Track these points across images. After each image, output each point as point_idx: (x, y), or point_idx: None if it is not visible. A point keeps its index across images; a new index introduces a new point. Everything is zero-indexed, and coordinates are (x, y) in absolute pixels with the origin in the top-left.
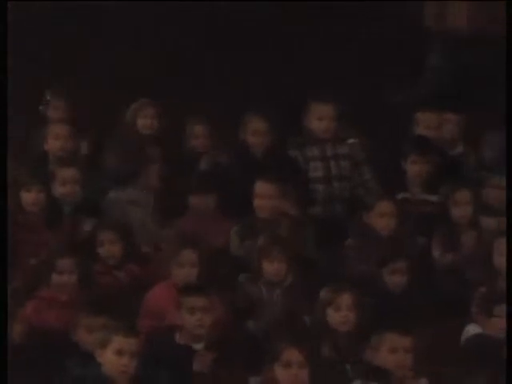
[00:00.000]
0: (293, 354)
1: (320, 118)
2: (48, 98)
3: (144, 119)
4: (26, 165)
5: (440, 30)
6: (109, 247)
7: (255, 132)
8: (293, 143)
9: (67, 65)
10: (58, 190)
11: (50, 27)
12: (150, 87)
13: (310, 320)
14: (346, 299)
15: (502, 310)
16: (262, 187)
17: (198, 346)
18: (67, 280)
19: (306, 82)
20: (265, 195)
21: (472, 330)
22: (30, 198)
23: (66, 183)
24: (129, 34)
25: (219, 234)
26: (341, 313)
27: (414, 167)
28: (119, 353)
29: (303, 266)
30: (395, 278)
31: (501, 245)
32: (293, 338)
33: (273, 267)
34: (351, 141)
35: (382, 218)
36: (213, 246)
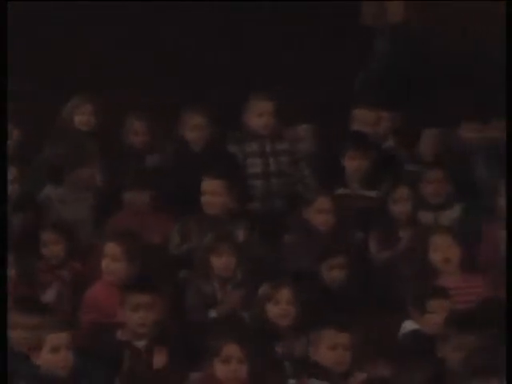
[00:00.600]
0: (232, 350)
1: (259, 114)
2: None
3: (81, 116)
4: None
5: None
6: (52, 248)
7: (193, 127)
8: (232, 139)
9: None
10: None
11: None
12: (89, 83)
13: (249, 315)
14: (285, 294)
15: (435, 305)
16: (210, 184)
17: (140, 344)
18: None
19: (246, 78)
20: (213, 192)
21: (409, 326)
22: None
23: None
24: (67, 31)
25: (157, 231)
26: (280, 306)
27: (353, 163)
28: (54, 350)
29: (248, 262)
30: (333, 273)
31: (436, 241)
32: (233, 334)
33: (221, 262)
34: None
35: (320, 213)
36: (149, 243)
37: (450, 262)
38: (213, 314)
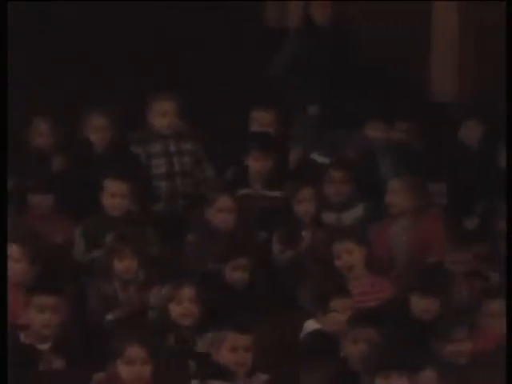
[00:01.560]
0: (135, 351)
1: (163, 114)
2: None
3: None
4: None
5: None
6: None
7: (96, 129)
8: (135, 139)
9: None
10: None
11: None
12: None
13: (151, 316)
14: (187, 293)
15: (337, 304)
16: (113, 185)
17: (44, 347)
18: None
19: (151, 79)
20: (116, 193)
21: (311, 325)
22: None
23: None
24: None
25: (60, 233)
26: (182, 305)
27: (256, 163)
28: None
29: (150, 263)
30: (236, 274)
31: (339, 248)
32: (135, 335)
33: (123, 264)
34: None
35: (221, 213)
36: (52, 244)
37: (354, 268)
38: (114, 315)
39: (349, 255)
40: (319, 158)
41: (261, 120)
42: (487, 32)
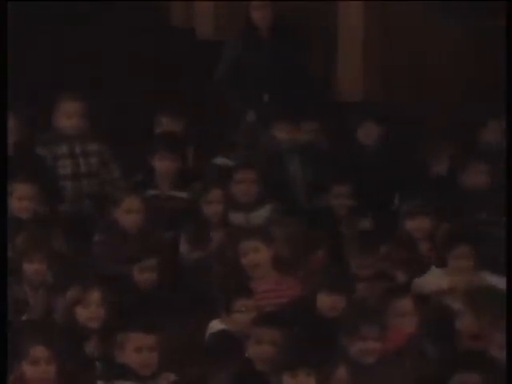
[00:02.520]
0: (40, 351)
1: (69, 115)
2: None
3: None
4: None
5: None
6: None
7: None
8: (41, 141)
9: None
10: None
11: None
12: None
13: (58, 318)
14: (94, 296)
15: (242, 305)
16: (18, 188)
17: None
18: None
19: (56, 80)
20: (22, 196)
21: (215, 326)
22: None
23: None
24: None
25: None
26: (89, 309)
27: (162, 164)
28: None
29: (58, 265)
30: (145, 275)
31: (245, 246)
32: (40, 337)
33: (32, 267)
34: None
35: (129, 214)
36: None
37: (260, 267)
38: (25, 318)
39: (255, 253)
40: (223, 159)
41: (167, 123)
42: (393, 32)
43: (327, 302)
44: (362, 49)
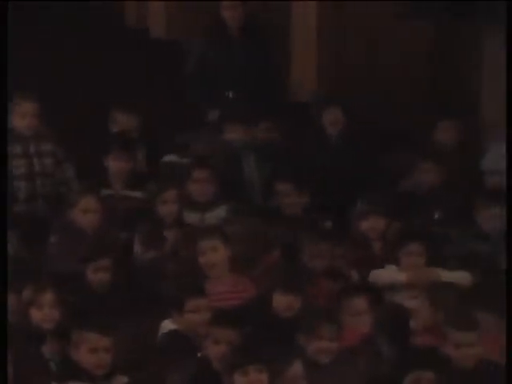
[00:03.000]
0: None
1: (23, 115)
2: None
3: None
4: None
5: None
6: None
7: None
8: None
9: None
10: None
11: None
12: None
13: (12, 320)
14: (48, 297)
15: (194, 305)
16: None
17: None
18: None
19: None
20: None
21: (167, 326)
22: None
23: None
24: None
25: None
26: (43, 311)
27: (116, 164)
28: None
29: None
30: (99, 275)
31: (202, 245)
32: None
33: None
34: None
35: (85, 214)
36: None
37: (217, 267)
38: None
39: (214, 253)
40: (175, 158)
41: (121, 121)
42: (347, 33)
43: (283, 302)
44: (316, 49)
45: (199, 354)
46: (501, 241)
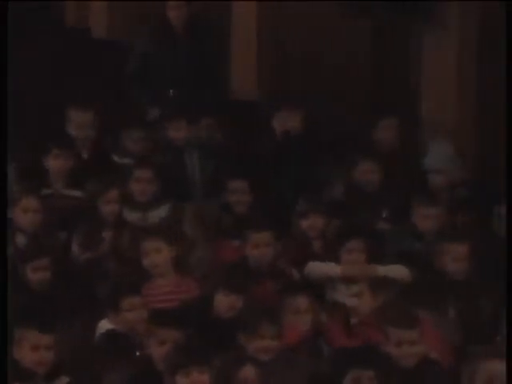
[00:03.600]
0: None
1: None
2: None
3: None
4: None
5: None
6: None
7: None
8: None
9: None
10: None
11: None
12: None
13: None
14: None
15: (129, 304)
16: None
17: None
18: None
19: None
20: None
21: (104, 325)
22: None
23: None
24: None
25: None
26: None
27: (56, 162)
28: None
29: None
30: (38, 274)
31: (146, 246)
32: None
33: None
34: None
35: (26, 213)
36: None
37: (161, 267)
38: None
39: (157, 254)
40: (117, 158)
41: (76, 119)
42: (286, 32)
43: (224, 302)
44: (256, 49)
45: (138, 353)
46: (435, 240)
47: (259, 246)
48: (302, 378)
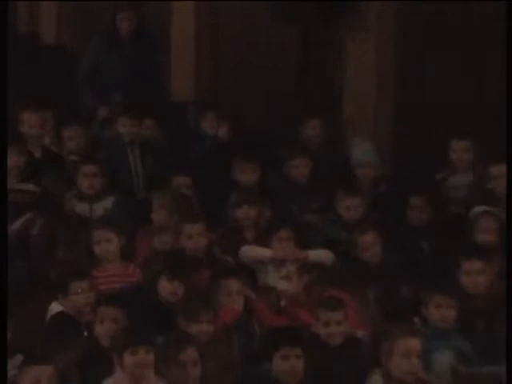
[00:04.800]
0: None
1: None
2: None
3: None
4: None
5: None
6: None
7: None
8: None
9: None
10: None
11: None
12: None
13: None
14: None
15: (77, 287)
16: None
17: None
18: None
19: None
20: None
21: (54, 308)
22: None
23: None
24: None
25: None
26: None
27: (10, 159)
28: None
29: None
30: None
31: (95, 235)
32: None
33: None
34: None
35: None
36: None
37: (110, 255)
38: None
39: (108, 243)
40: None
41: (29, 121)
42: (224, 33)
43: (167, 288)
44: (193, 49)
45: (85, 333)
46: (356, 229)
47: (192, 237)
48: (235, 357)
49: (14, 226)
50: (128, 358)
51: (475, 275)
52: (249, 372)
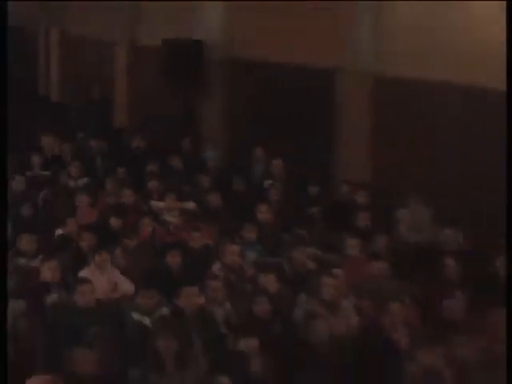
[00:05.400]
0: None
1: None
2: None
3: None
4: None
5: None
6: None
7: None
8: None
9: None
10: None
11: None
12: None
13: None
14: None
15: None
16: None
17: None
18: None
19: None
20: None
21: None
22: None
23: None
24: None
25: None
26: None
27: (34, 158)
28: None
29: None
30: None
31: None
32: None
33: None
34: None
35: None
36: None
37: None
38: None
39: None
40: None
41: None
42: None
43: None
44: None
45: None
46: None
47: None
48: (149, 254)
49: (42, 195)
50: (97, 257)
51: None
52: (156, 262)
